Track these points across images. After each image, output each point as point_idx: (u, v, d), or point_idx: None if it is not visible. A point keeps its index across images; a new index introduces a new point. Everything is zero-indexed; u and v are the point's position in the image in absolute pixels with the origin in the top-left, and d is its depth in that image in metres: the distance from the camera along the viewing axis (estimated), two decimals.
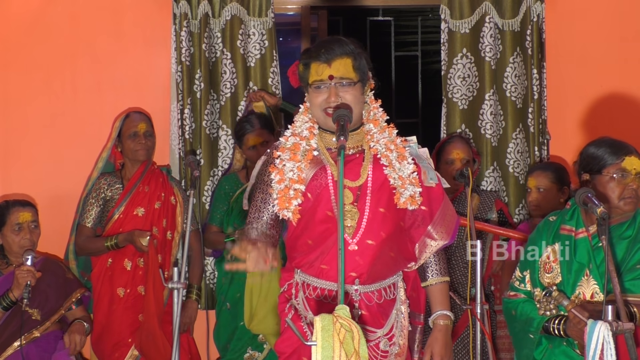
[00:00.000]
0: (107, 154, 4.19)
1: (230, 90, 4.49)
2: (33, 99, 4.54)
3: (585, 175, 2.89)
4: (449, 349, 2.79)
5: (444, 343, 2.77)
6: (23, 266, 3.69)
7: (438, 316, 2.80)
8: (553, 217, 2.95)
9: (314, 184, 2.68)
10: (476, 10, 4.51)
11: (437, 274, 2.83)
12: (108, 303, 4.01)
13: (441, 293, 2.82)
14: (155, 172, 4.16)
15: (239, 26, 4.47)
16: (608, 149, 2.86)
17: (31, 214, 3.89)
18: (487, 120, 4.51)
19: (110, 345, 3.99)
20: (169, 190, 4.14)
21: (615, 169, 2.82)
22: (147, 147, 4.11)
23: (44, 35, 4.52)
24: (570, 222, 2.87)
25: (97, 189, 4.10)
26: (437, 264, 2.83)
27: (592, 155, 2.88)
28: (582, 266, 2.80)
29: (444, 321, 2.79)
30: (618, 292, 2.55)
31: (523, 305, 2.88)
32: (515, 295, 2.93)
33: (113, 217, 4.06)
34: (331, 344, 2.14)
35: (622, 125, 4.64)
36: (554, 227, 2.89)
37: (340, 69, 2.62)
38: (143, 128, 4.11)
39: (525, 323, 2.85)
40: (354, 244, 2.66)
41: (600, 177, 2.84)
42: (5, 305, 3.70)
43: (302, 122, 2.75)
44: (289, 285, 2.78)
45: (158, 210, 4.09)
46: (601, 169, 2.84)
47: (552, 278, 2.83)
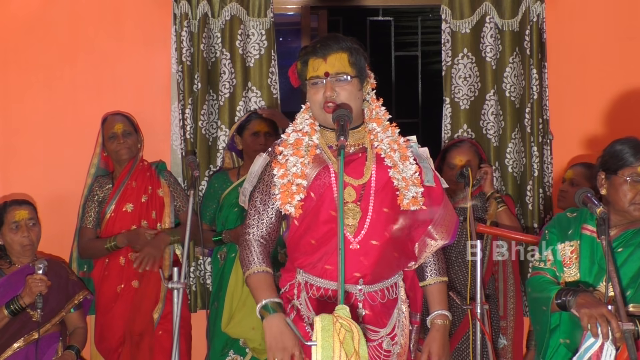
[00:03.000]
0: (97, 159, 4.26)
1: (229, 91, 4.49)
2: (33, 99, 4.53)
3: (602, 173, 2.84)
4: (447, 348, 2.78)
5: (442, 343, 2.77)
6: (36, 275, 3.68)
7: (436, 316, 2.79)
8: (571, 214, 2.89)
9: (317, 183, 2.68)
10: (476, 10, 4.51)
11: (436, 273, 2.82)
12: (108, 301, 4.03)
13: (439, 293, 2.82)
14: (143, 168, 4.20)
15: (239, 26, 4.47)
16: (630, 149, 2.79)
17: (28, 211, 3.89)
18: (488, 120, 4.51)
19: (113, 341, 4.00)
20: (156, 183, 4.18)
21: (630, 172, 2.76)
22: (127, 146, 4.15)
23: (44, 35, 4.52)
24: (591, 222, 2.81)
25: (92, 192, 4.17)
26: (435, 263, 2.83)
27: (613, 153, 2.81)
28: (602, 270, 2.74)
29: (442, 321, 2.79)
30: (618, 292, 2.55)
31: (541, 279, 2.81)
32: (537, 273, 2.85)
33: (105, 217, 4.11)
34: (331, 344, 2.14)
35: (622, 125, 4.64)
36: (576, 224, 2.84)
37: (335, 64, 2.63)
38: (120, 128, 4.15)
39: (539, 297, 2.76)
40: (355, 243, 2.66)
41: (615, 177, 2.79)
42: (13, 310, 3.70)
43: (302, 119, 2.76)
44: (290, 286, 2.77)
45: (146, 204, 4.13)
46: (617, 169, 2.78)
47: (569, 273, 2.80)
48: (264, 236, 2.72)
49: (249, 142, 4.15)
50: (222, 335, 4.04)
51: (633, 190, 2.75)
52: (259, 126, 4.15)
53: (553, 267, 2.82)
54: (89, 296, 4.02)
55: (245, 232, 2.73)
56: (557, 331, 2.79)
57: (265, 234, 2.72)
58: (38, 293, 3.66)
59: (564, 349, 2.78)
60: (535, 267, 2.89)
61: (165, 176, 4.22)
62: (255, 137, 4.13)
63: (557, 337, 2.79)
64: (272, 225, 2.73)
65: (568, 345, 2.76)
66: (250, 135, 4.15)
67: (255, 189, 2.77)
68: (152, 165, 4.24)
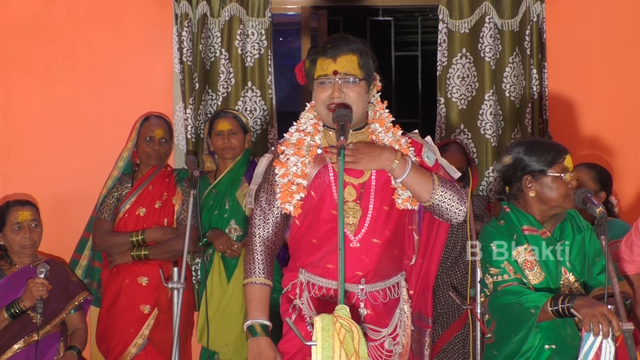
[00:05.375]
0: (128, 153, 4.23)
1: (227, 90, 4.49)
2: (33, 99, 4.53)
3: (528, 176, 2.88)
4: (376, 158, 2.65)
5: (374, 149, 2.67)
6: (37, 279, 3.68)
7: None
8: (498, 222, 2.94)
9: (317, 182, 2.69)
10: (476, 10, 4.51)
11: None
12: (113, 296, 4.04)
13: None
14: (164, 173, 4.19)
15: (238, 26, 4.47)
16: (548, 148, 2.89)
17: (31, 212, 3.89)
18: (487, 120, 4.51)
19: (115, 336, 4.00)
20: (172, 190, 4.16)
21: (560, 168, 2.85)
22: (159, 153, 4.16)
23: (44, 35, 4.52)
24: (526, 222, 2.89)
25: (115, 186, 4.16)
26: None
27: (535, 155, 2.88)
28: (558, 263, 2.85)
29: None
30: (618, 292, 2.56)
31: (522, 288, 2.79)
32: (506, 285, 2.82)
33: (119, 215, 4.11)
34: (331, 344, 2.14)
35: (622, 124, 4.64)
36: (515, 229, 2.89)
37: (345, 65, 2.63)
38: (159, 134, 4.16)
39: (525, 303, 2.73)
40: (355, 242, 2.67)
41: (544, 177, 2.85)
42: (13, 313, 3.70)
43: (307, 118, 2.77)
44: (292, 285, 2.79)
45: (158, 210, 4.11)
46: (546, 168, 2.85)
47: (534, 275, 2.84)
48: (270, 237, 2.75)
49: (214, 141, 4.14)
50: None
51: (563, 184, 2.84)
52: (222, 125, 4.11)
53: (517, 275, 2.83)
54: (89, 297, 4.03)
55: (251, 233, 2.76)
56: (531, 337, 2.79)
57: (272, 234, 2.75)
58: (39, 297, 3.66)
59: (548, 352, 2.79)
60: (497, 282, 2.84)
61: (183, 185, 4.18)
62: (219, 136, 4.11)
63: (532, 342, 2.80)
64: (278, 224, 2.75)
65: (555, 351, 2.78)
66: (215, 135, 4.14)
67: (261, 189, 2.78)
68: (174, 172, 4.23)
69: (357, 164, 2.63)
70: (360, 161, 2.63)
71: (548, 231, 2.89)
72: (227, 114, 4.16)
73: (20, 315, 3.71)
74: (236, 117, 4.15)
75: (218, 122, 4.13)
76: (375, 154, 2.63)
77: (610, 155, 4.61)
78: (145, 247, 4.04)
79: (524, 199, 2.92)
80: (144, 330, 3.98)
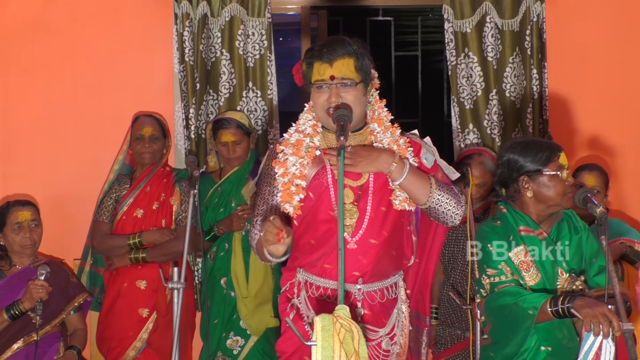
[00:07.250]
0: (122, 156, 4.24)
1: (229, 91, 4.49)
2: (33, 99, 4.53)
3: (524, 177, 2.87)
4: (374, 160, 2.65)
5: (372, 151, 2.68)
6: (37, 281, 3.68)
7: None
8: (495, 223, 2.93)
9: (315, 184, 2.69)
10: (477, 10, 4.50)
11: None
12: (112, 299, 4.03)
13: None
14: (162, 173, 4.17)
15: (239, 26, 4.47)
16: (542, 147, 2.87)
17: (31, 212, 3.89)
18: (491, 119, 4.50)
19: (113, 339, 4.00)
20: (170, 190, 4.14)
21: (556, 166, 2.84)
22: (151, 151, 4.13)
23: (44, 35, 4.52)
24: (522, 223, 2.88)
25: (112, 189, 4.15)
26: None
27: (531, 155, 2.87)
28: (554, 263, 2.84)
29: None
30: (618, 292, 2.56)
31: (519, 290, 2.79)
32: (503, 287, 2.82)
33: (117, 217, 4.10)
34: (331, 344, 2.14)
35: (621, 124, 4.64)
36: (511, 230, 2.89)
37: (342, 69, 2.63)
38: (148, 132, 4.14)
39: (523, 304, 2.72)
40: (352, 243, 2.67)
41: (540, 176, 2.84)
42: (13, 314, 3.70)
43: (305, 120, 2.78)
44: (290, 285, 2.79)
45: (156, 211, 4.10)
46: (542, 168, 2.84)
47: (531, 277, 2.83)
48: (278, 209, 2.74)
49: (219, 150, 4.16)
50: (214, 337, 4.04)
51: (561, 182, 2.83)
52: (225, 137, 4.10)
53: (514, 277, 2.83)
54: (89, 298, 4.02)
55: (254, 222, 2.75)
56: (529, 338, 2.78)
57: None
58: (38, 299, 3.65)
59: (544, 354, 2.78)
60: (494, 283, 2.84)
61: (182, 185, 4.16)
62: (224, 147, 4.12)
63: (529, 343, 2.79)
64: (280, 213, 2.73)
65: (551, 352, 2.77)
66: (220, 145, 4.14)
67: (263, 183, 2.79)
68: (173, 172, 4.22)
69: (355, 166, 2.63)
70: (358, 164, 2.63)
71: (545, 232, 2.89)
72: (230, 123, 4.11)
73: (20, 317, 3.71)
74: (239, 125, 4.12)
75: (222, 133, 4.11)
76: (373, 157, 2.64)
77: (610, 155, 4.61)
78: (143, 250, 4.02)
79: (521, 199, 2.91)
80: (142, 334, 3.98)
